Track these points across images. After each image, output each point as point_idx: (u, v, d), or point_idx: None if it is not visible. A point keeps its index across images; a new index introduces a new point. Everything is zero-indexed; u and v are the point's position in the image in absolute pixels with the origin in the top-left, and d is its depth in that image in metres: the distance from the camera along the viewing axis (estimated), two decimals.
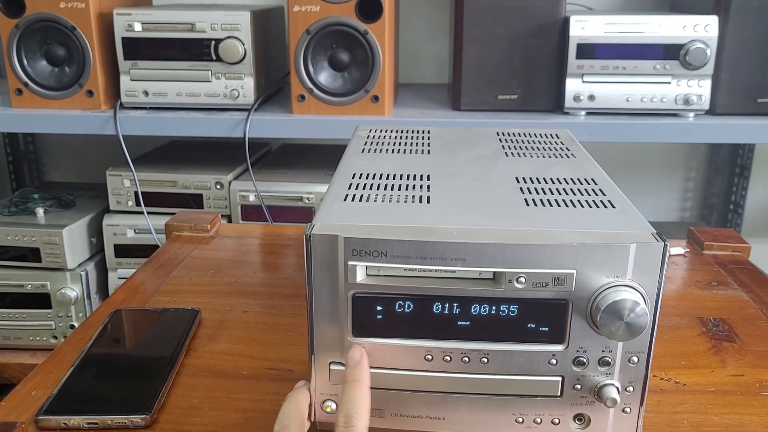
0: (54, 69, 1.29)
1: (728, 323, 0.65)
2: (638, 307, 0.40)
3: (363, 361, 0.44)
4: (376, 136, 0.68)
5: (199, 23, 1.23)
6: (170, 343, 0.59)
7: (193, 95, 1.26)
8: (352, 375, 0.44)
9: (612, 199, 0.49)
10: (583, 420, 0.45)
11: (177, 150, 1.54)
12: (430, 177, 0.54)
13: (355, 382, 0.43)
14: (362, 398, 0.43)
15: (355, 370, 0.44)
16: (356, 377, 0.43)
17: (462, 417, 0.45)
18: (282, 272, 0.77)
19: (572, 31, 1.21)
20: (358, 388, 0.43)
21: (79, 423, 0.48)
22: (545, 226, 0.43)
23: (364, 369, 0.44)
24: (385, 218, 0.45)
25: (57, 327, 1.31)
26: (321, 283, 0.43)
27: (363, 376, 0.44)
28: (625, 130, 1.23)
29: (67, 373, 0.53)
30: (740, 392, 0.54)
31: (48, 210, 1.34)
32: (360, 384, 0.43)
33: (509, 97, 1.28)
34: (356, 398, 0.42)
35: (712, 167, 1.71)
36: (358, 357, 0.44)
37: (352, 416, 0.41)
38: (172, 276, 0.74)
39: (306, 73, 1.23)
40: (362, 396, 0.43)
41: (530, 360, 0.44)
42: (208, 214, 0.90)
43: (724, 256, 0.81)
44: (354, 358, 0.44)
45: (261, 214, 1.29)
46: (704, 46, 1.19)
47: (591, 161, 0.59)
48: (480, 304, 0.43)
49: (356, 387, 0.43)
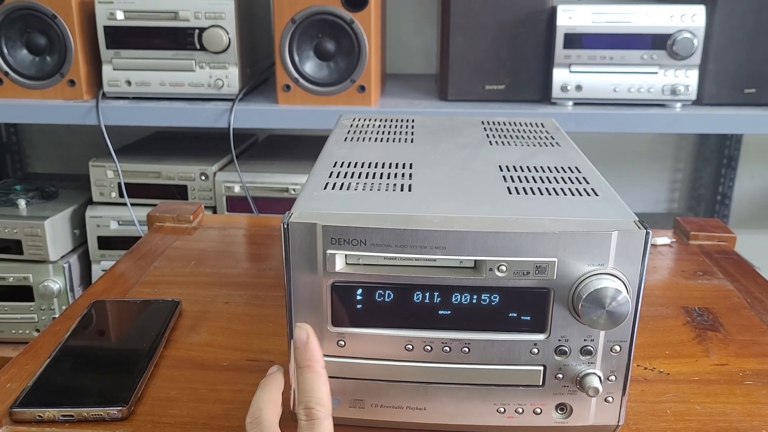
0: (35, 58, 1.26)
1: (713, 313, 0.65)
2: (620, 295, 0.40)
3: (311, 341, 0.40)
4: (360, 125, 0.67)
5: (183, 11, 1.21)
6: (149, 334, 0.58)
7: (177, 85, 1.24)
8: (303, 360, 0.40)
9: (595, 186, 0.48)
10: (565, 409, 0.45)
11: (161, 140, 1.52)
12: (413, 165, 0.53)
13: (308, 368, 0.39)
14: (318, 383, 0.39)
15: (305, 353, 0.40)
16: (308, 362, 0.39)
17: (443, 407, 0.45)
18: (266, 263, 0.76)
19: (559, 20, 1.21)
20: (313, 374, 0.39)
21: (54, 415, 0.47)
22: (527, 214, 0.43)
23: (314, 350, 0.40)
24: (364, 206, 0.44)
25: (40, 320, 1.29)
26: (300, 273, 0.42)
27: (314, 357, 0.40)
28: (613, 120, 1.23)
29: (43, 364, 0.53)
30: (723, 381, 0.53)
31: (30, 201, 1.32)
32: (313, 369, 0.39)
33: (497, 87, 1.28)
34: (311, 385, 0.39)
35: (699, 158, 1.71)
36: (304, 338, 0.40)
37: (312, 408, 0.38)
38: (153, 267, 0.73)
39: (291, 63, 1.22)
40: (317, 381, 0.39)
41: (512, 349, 0.43)
42: (191, 205, 0.88)
43: (710, 246, 0.81)
44: (300, 339, 0.40)
45: (246, 206, 1.28)
46: (691, 35, 1.18)
47: (575, 150, 0.59)
48: (461, 293, 0.42)
49: (310, 373, 0.39)
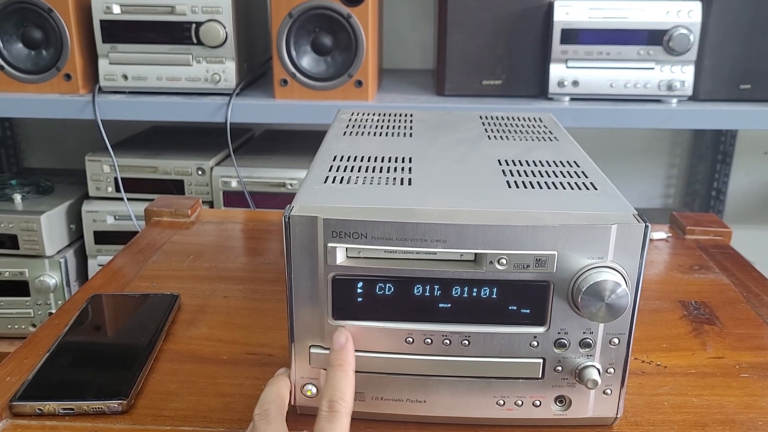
0: (31, 52, 1.26)
1: (709, 306, 0.65)
2: (619, 288, 0.40)
3: (348, 345, 0.43)
4: (358, 119, 0.67)
5: (179, 6, 1.20)
6: (149, 328, 0.58)
7: (174, 79, 1.24)
8: (337, 359, 0.43)
9: (594, 181, 0.48)
10: (564, 402, 0.45)
11: (158, 135, 1.51)
12: (412, 159, 0.53)
13: (340, 367, 0.42)
14: (347, 383, 0.42)
15: (340, 354, 0.43)
16: (341, 362, 0.43)
17: (443, 400, 0.45)
18: (264, 257, 0.76)
19: (556, 16, 1.21)
20: (342, 373, 0.42)
21: (54, 408, 0.47)
22: (526, 208, 0.43)
23: (349, 353, 0.43)
24: (365, 200, 0.44)
25: (36, 315, 1.29)
26: (300, 266, 0.43)
27: (348, 360, 0.43)
28: (609, 115, 1.23)
29: (43, 358, 0.52)
30: (720, 374, 0.54)
31: (26, 196, 1.31)
32: (344, 369, 0.42)
33: (494, 82, 1.28)
34: (340, 383, 0.42)
35: (695, 154, 1.72)
36: (343, 341, 0.43)
37: (335, 401, 0.40)
38: (151, 261, 0.73)
39: (288, 58, 1.22)
40: (347, 381, 0.42)
41: (511, 342, 0.43)
42: (188, 200, 0.88)
43: (706, 240, 0.81)
44: (339, 342, 0.43)
45: (243, 201, 1.28)
46: (687, 31, 1.19)
47: (573, 144, 0.59)
48: (461, 286, 0.42)
49: (340, 372, 0.42)
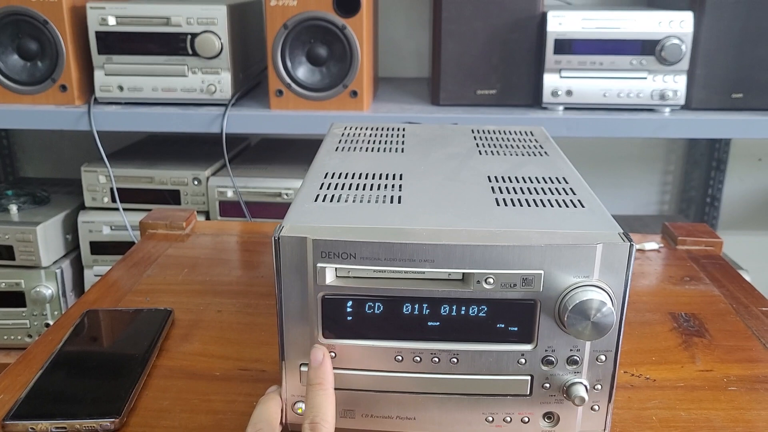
0: (26, 63, 1.26)
1: (699, 318, 0.66)
2: (605, 306, 0.41)
3: (325, 362, 0.44)
4: (351, 134, 0.67)
5: (175, 17, 1.21)
6: (142, 344, 0.58)
7: (169, 90, 1.25)
8: (315, 378, 0.43)
9: (582, 198, 0.49)
10: (553, 418, 0.45)
11: (154, 145, 1.52)
12: (403, 176, 0.54)
13: (319, 386, 0.43)
14: (326, 402, 0.42)
15: (318, 372, 0.43)
16: (319, 380, 0.43)
17: (432, 417, 0.45)
18: (258, 271, 0.76)
19: (550, 26, 1.22)
20: (322, 392, 0.42)
21: (47, 428, 0.47)
22: (514, 227, 0.43)
23: (327, 371, 0.43)
24: (354, 219, 0.45)
25: (32, 326, 1.29)
26: (290, 285, 0.43)
27: (326, 378, 0.43)
28: (603, 125, 1.24)
29: (36, 376, 0.53)
30: (708, 387, 0.54)
31: (22, 207, 1.32)
32: (323, 387, 0.43)
33: (488, 92, 1.29)
34: (320, 402, 0.42)
35: (689, 161, 1.73)
36: (320, 358, 0.43)
37: (317, 423, 0.41)
38: (145, 275, 0.74)
39: (284, 68, 1.22)
40: (326, 400, 0.42)
41: (499, 360, 0.44)
42: (183, 212, 0.89)
43: (697, 251, 0.82)
44: (316, 359, 0.43)
45: (239, 210, 1.28)
46: (679, 41, 1.20)
47: (563, 159, 0.59)
48: (449, 305, 0.43)
49: (320, 390, 0.42)
